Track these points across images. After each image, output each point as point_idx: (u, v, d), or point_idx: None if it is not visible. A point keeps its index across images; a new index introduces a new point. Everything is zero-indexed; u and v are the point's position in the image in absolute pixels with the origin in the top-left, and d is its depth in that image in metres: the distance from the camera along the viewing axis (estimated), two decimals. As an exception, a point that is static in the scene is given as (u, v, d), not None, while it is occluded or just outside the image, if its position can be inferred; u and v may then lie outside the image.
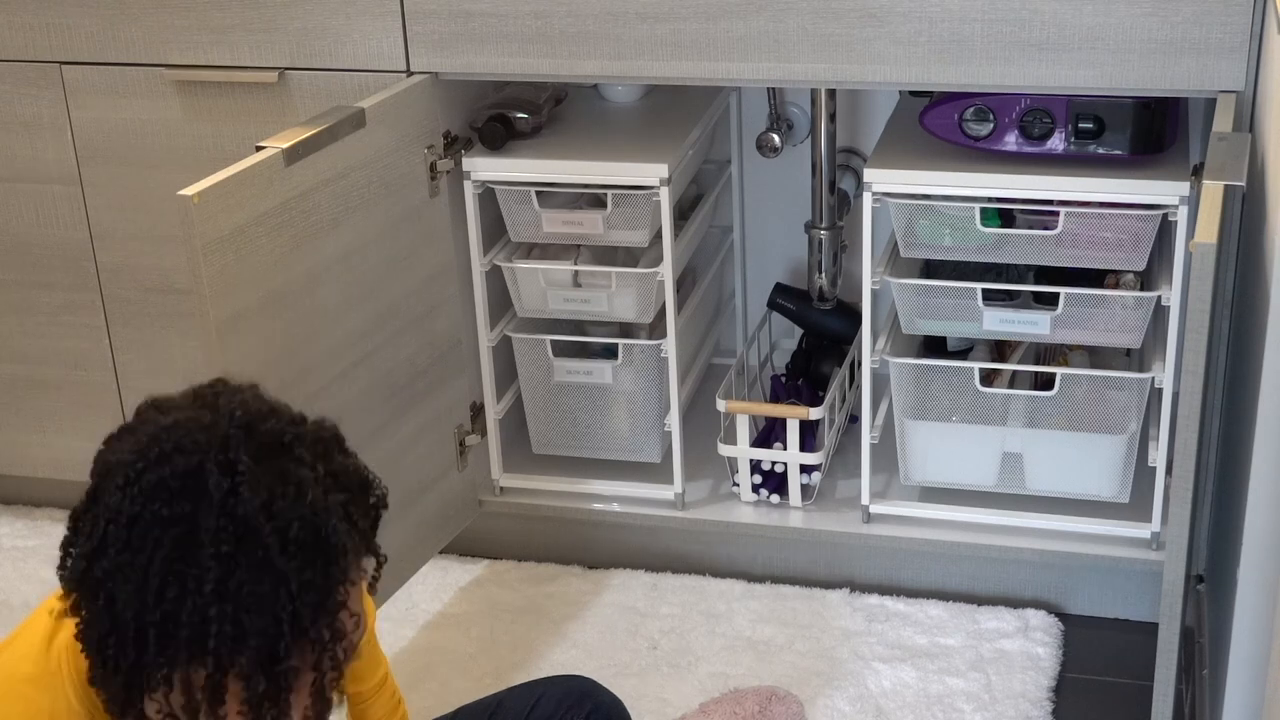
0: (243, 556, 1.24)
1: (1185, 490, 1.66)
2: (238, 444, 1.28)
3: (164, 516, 1.24)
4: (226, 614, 1.24)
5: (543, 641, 2.45)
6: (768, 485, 2.56)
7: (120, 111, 2.53)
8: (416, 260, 2.38)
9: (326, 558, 1.28)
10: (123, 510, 1.25)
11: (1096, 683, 2.35)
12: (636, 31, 2.29)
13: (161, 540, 1.24)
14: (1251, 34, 2.08)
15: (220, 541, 1.24)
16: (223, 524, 1.24)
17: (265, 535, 1.25)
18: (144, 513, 1.24)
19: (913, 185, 2.30)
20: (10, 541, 2.82)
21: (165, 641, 1.25)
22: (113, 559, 1.24)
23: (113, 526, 1.25)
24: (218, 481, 1.25)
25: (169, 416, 1.32)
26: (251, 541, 1.25)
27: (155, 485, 1.25)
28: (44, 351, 2.73)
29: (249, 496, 1.25)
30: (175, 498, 1.25)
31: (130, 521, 1.25)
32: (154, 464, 1.26)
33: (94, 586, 1.26)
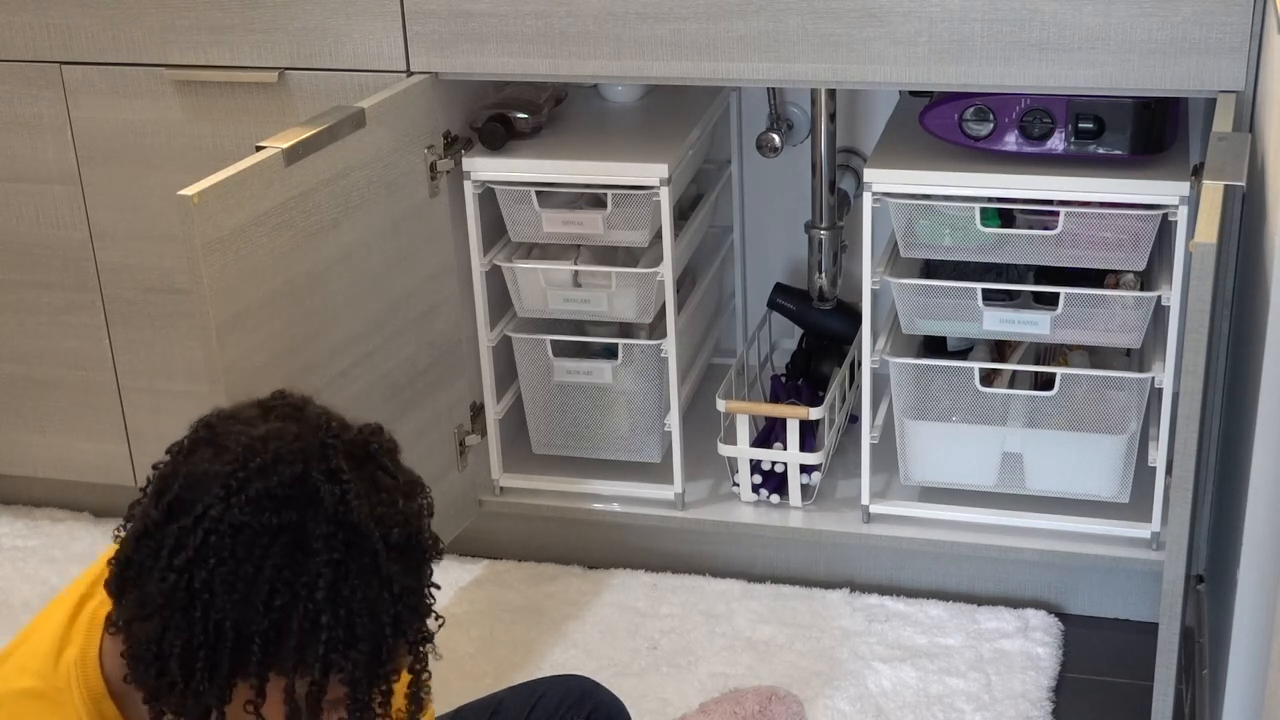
0: (353, 563, 1.26)
1: (1185, 490, 1.66)
2: (336, 452, 1.29)
3: (273, 525, 1.25)
4: (340, 619, 1.25)
5: (543, 641, 2.45)
6: (768, 485, 2.56)
7: (120, 111, 2.53)
8: (416, 260, 2.38)
9: (420, 560, 1.32)
10: (225, 519, 1.24)
11: (1096, 683, 2.35)
12: (636, 31, 2.29)
13: (270, 549, 1.24)
14: (1251, 34, 2.08)
15: (332, 549, 1.25)
16: (333, 531, 1.26)
17: (374, 541, 1.27)
18: (251, 522, 1.24)
19: (913, 185, 2.30)
20: (10, 541, 2.82)
21: (271, 649, 1.25)
22: (214, 569, 1.24)
23: (214, 537, 1.24)
24: (329, 490, 1.26)
25: (258, 428, 1.30)
26: (361, 547, 1.26)
27: (261, 494, 1.25)
28: (44, 351, 2.73)
29: (357, 504, 1.27)
30: (283, 506, 1.25)
31: (235, 530, 1.24)
32: (257, 474, 1.26)
33: (188, 598, 1.24)
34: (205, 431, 1.32)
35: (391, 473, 1.33)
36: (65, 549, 2.79)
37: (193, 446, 1.31)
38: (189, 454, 1.31)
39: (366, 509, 1.28)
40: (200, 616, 1.24)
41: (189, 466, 1.29)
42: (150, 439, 2.73)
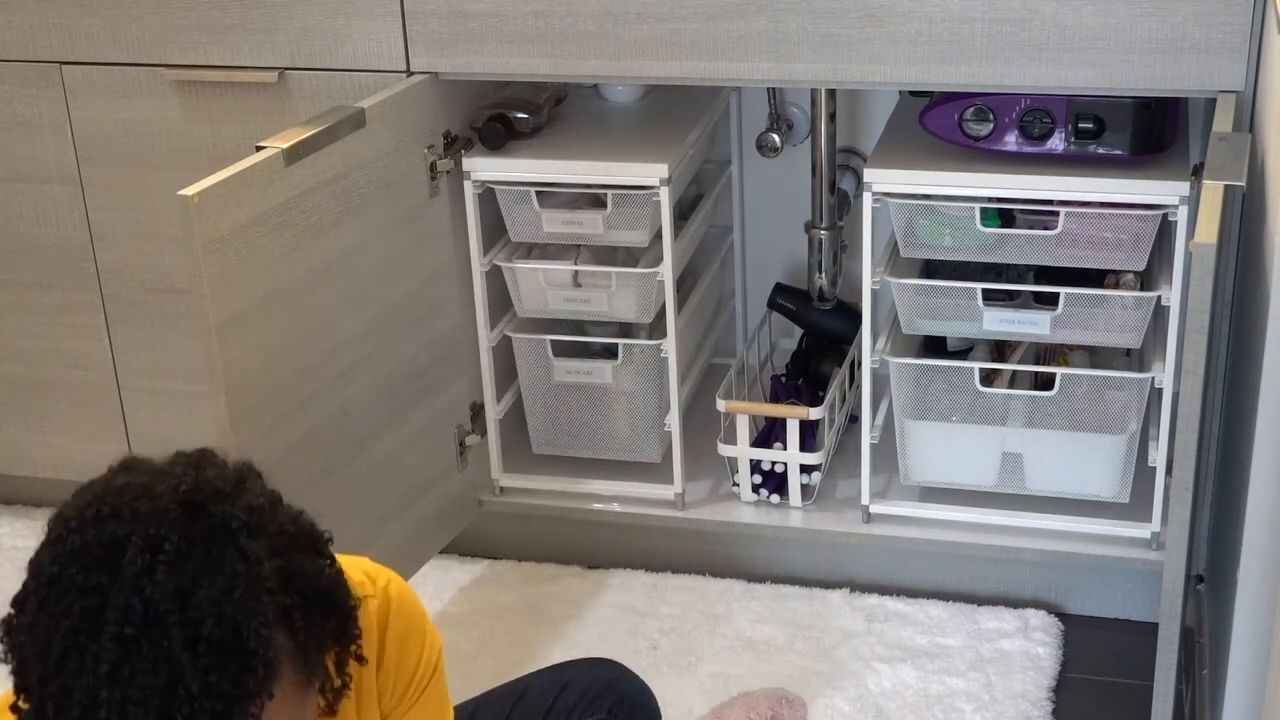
0: (145, 643, 1.14)
1: (1185, 490, 1.66)
2: (172, 521, 1.19)
3: (78, 584, 1.16)
4: (115, 700, 1.14)
5: (543, 641, 2.45)
6: (768, 485, 2.56)
7: (120, 111, 2.53)
8: (416, 260, 2.38)
9: (241, 664, 1.16)
10: (44, 568, 1.18)
11: (1096, 683, 2.35)
12: (636, 31, 2.29)
13: (71, 608, 1.16)
14: (1251, 34, 2.08)
15: (126, 622, 1.14)
16: (131, 604, 1.15)
17: (171, 625, 1.15)
18: (62, 575, 1.17)
19: (913, 185, 2.30)
20: (10, 541, 2.82)
21: (60, 713, 1.17)
22: (30, 615, 1.18)
23: (33, 582, 1.18)
24: (133, 557, 1.16)
25: (125, 477, 1.23)
26: (156, 629, 1.15)
27: (79, 549, 1.17)
28: (44, 351, 2.73)
29: (163, 580, 1.15)
30: (94, 566, 1.16)
31: (49, 581, 1.17)
32: (86, 525, 1.18)
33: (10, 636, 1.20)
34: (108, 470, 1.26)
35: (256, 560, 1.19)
36: (65, 549, 2.78)
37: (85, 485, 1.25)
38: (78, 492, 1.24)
39: (173, 588, 1.15)
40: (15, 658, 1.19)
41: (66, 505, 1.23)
42: (150, 439, 2.73)
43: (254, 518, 1.22)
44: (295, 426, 2.11)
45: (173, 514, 1.19)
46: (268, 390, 2.06)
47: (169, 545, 1.17)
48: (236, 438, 1.99)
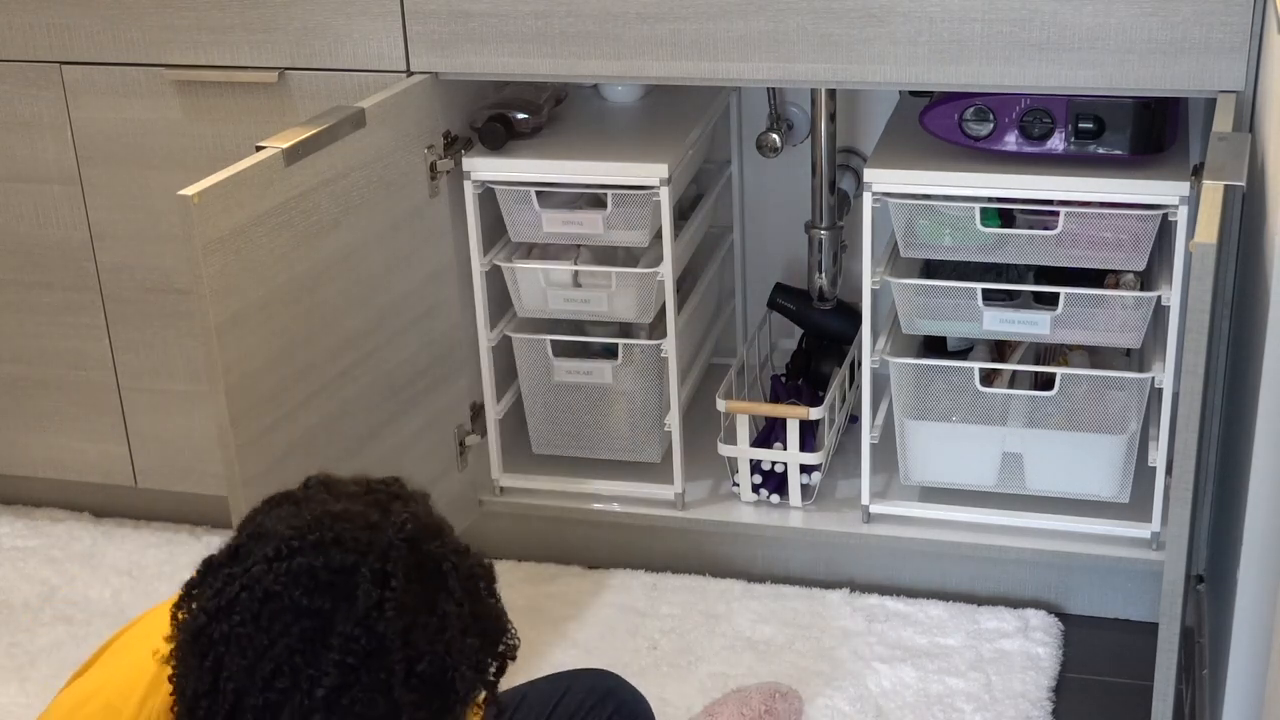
0: (365, 674, 1.19)
1: (1185, 490, 1.66)
2: (398, 558, 1.22)
3: (302, 605, 1.19)
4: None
5: (543, 641, 2.45)
6: (768, 485, 2.56)
7: (120, 111, 2.53)
8: (416, 260, 2.38)
9: (445, 701, 1.23)
10: (261, 583, 1.20)
11: (1096, 683, 2.35)
12: (636, 31, 2.29)
13: (291, 628, 1.19)
14: (1251, 34, 2.08)
15: (349, 651, 1.19)
16: (357, 634, 1.19)
17: (395, 661, 1.20)
18: (283, 594, 1.20)
19: (913, 185, 2.30)
20: (10, 541, 2.82)
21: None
22: (234, 626, 1.20)
23: (246, 594, 1.20)
24: (368, 590, 1.20)
25: (339, 503, 1.25)
26: (379, 662, 1.19)
27: (303, 570, 1.20)
28: (44, 351, 2.73)
29: (393, 616, 1.20)
30: (319, 590, 1.20)
31: (265, 597, 1.20)
32: (309, 548, 1.21)
33: (206, 645, 1.22)
34: (303, 490, 1.28)
35: (459, 602, 1.25)
36: (65, 549, 2.79)
37: (283, 499, 1.27)
38: (276, 505, 1.27)
39: (400, 626, 1.20)
40: (209, 667, 1.21)
41: (268, 517, 1.25)
42: (150, 439, 2.73)
43: (460, 560, 1.26)
44: (295, 426, 2.11)
45: (398, 551, 1.22)
46: (268, 390, 2.06)
47: (395, 583, 1.20)
48: (236, 438, 1.99)
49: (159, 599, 2.63)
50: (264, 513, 1.26)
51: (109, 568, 2.72)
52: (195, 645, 1.22)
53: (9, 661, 2.49)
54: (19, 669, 2.47)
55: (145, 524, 2.86)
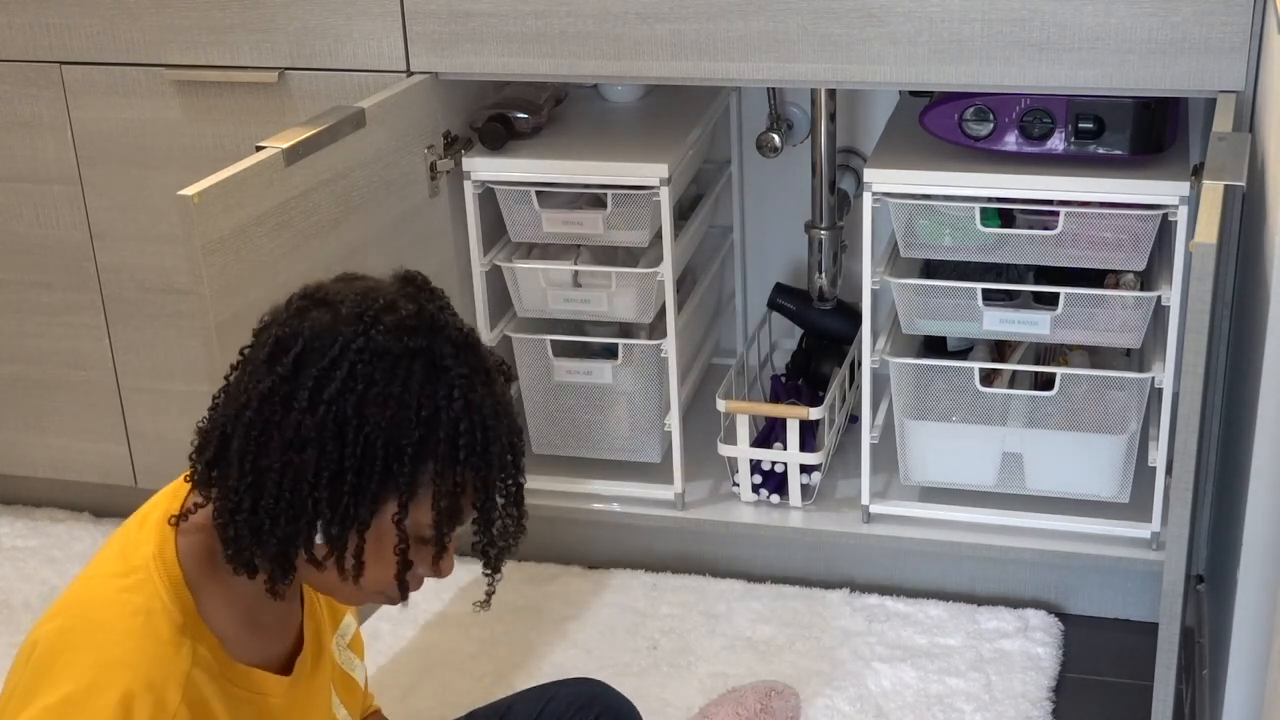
0: (476, 376, 1.38)
1: (1185, 490, 1.66)
2: (438, 297, 1.42)
3: (410, 348, 1.36)
4: (475, 423, 1.36)
5: (543, 641, 2.45)
6: (768, 485, 2.56)
7: (120, 111, 2.53)
8: (416, 260, 2.36)
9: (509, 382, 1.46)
10: (368, 349, 1.35)
11: (1096, 683, 2.35)
12: (636, 31, 2.29)
13: (412, 368, 1.35)
14: (1251, 34, 2.08)
15: (461, 364, 1.37)
16: (457, 351, 1.38)
17: (487, 358, 1.41)
18: (393, 346, 1.35)
19: (913, 185, 2.30)
20: (10, 541, 2.82)
21: (419, 459, 1.35)
22: (363, 393, 1.34)
23: (360, 365, 1.34)
24: (448, 318, 1.40)
25: (356, 285, 1.42)
26: (480, 364, 1.40)
27: (395, 325, 1.36)
28: (44, 351, 2.73)
29: (468, 330, 1.41)
30: (414, 333, 1.36)
31: (379, 356, 1.35)
32: (385, 310, 1.37)
33: (339, 425, 1.33)
34: (304, 300, 1.41)
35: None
36: (65, 549, 2.79)
37: (300, 312, 1.39)
38: (299, 318, 1.38)
39: (476, 336, 1.42)
40: (352, 439, 1.33)
41: (308, 324, 1.37)
42: (150, 439, 2.73)
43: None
44: (295, 426, 2.11)
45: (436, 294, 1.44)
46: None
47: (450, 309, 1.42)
48: (236, 438, 1.99)
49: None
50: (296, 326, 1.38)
51: (109, 568, 2.72)
52: (326, 433, 1.34)
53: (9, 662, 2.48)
54: (19, 669, 2.46)
55: (145, 524, 2.86)
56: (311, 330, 1.37)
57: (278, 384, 1.36)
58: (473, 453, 1.37)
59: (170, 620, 1.37)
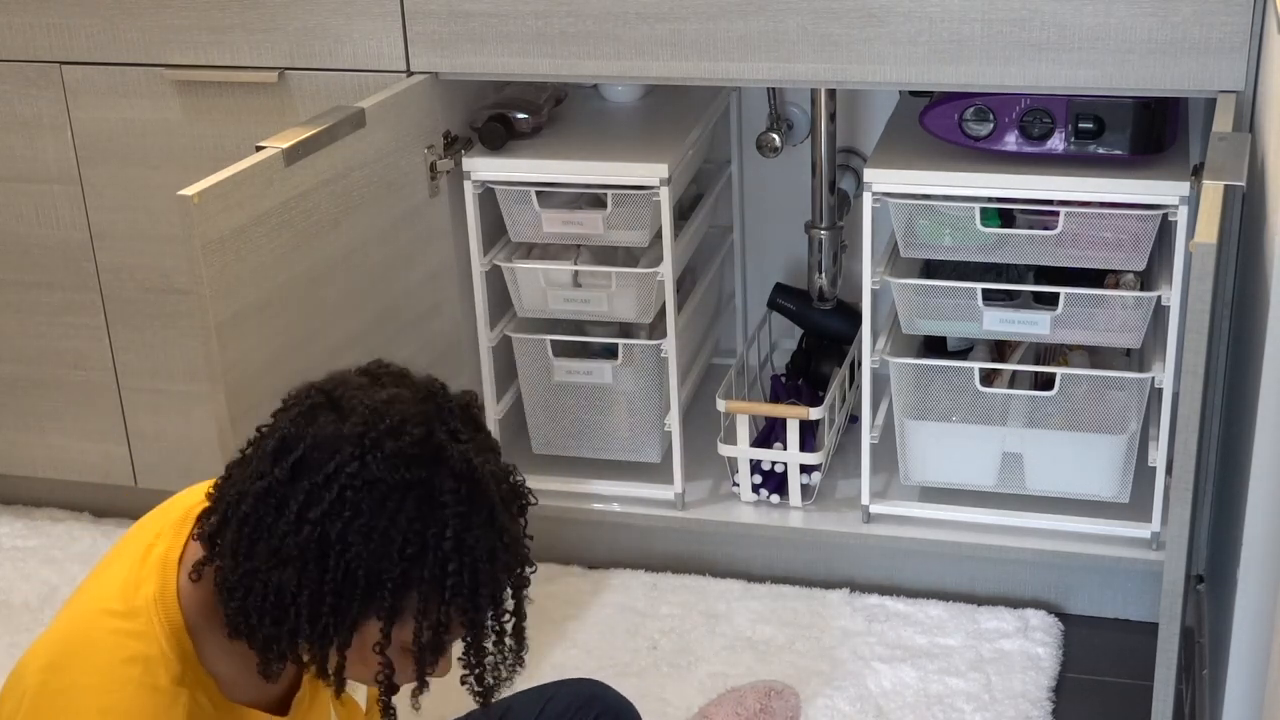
0: (474, 515, 1.34)
1: (1185, 490, 1.66)
2: (454, 415, 1.39)
3: (405, 480, 1.32)
4: (464, 565, 1.33)
5: (543, 641, 2.45)
6: (768, 485, 2.56)
7: (120, 111, 2.53)
8: (416, 260, 2.38)
9: (522, 511, 1.42)
10: (360, 476, 1.32)
11: (1096, 683, 2.35)
12: (636, 31, 2.29)
13: (404, 503, 1.32)
14: (1251, 34, 2.08)
15: (459, 502, 1.33)
16: (457, 486, 1.34)
17: (492, 494, 1.36)
18: (386, 478, 1.32)
19: (913, 185, 2.30)
20: (10, 541, 2.82)
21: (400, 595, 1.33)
22: (349, 521, 1.31)
23: (350, 492, 1.31)
24: (455, 449, 1.35)
25: (377, 393, 1.37)
26: (481, 501, 1.35)
27: (394, 453, 1.32)
28: (44, 351, 2.73)
29: (479, 460, 1.36)
30: (413, 464, 1.33)
31: (370, 486, 1.31)
32: (388, 434, 1.33)
33: (322, 549, 1.31)
34: (321, 397, 1.38)
35: (488, 432, 1.44)
36: (65, 549, 2.79)
37: (312, 411, 1.37)
38: (308, 418, 1.36)
39: (488, 465, 1.37)
40: (333, 565, 1.31)
41: (314, 429, 1.35)
42: (150, 439, 2.73)
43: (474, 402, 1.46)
44: (295, 426, 2.11)
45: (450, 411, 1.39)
46: (268, 390, 2.04)
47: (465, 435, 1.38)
48: (236, 438, 1.99)
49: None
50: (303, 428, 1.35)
51: (109, 568, 2.72)
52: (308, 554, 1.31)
53: (9, 661, 2.47)
54: (19, 669, 2.47)
55: (145, 524, 2.86)
56: (314, 439, 1.35)
57: (274, 486, 1.34)
58: (459, 593, 1.34)
59: (168, 669, 1.36)
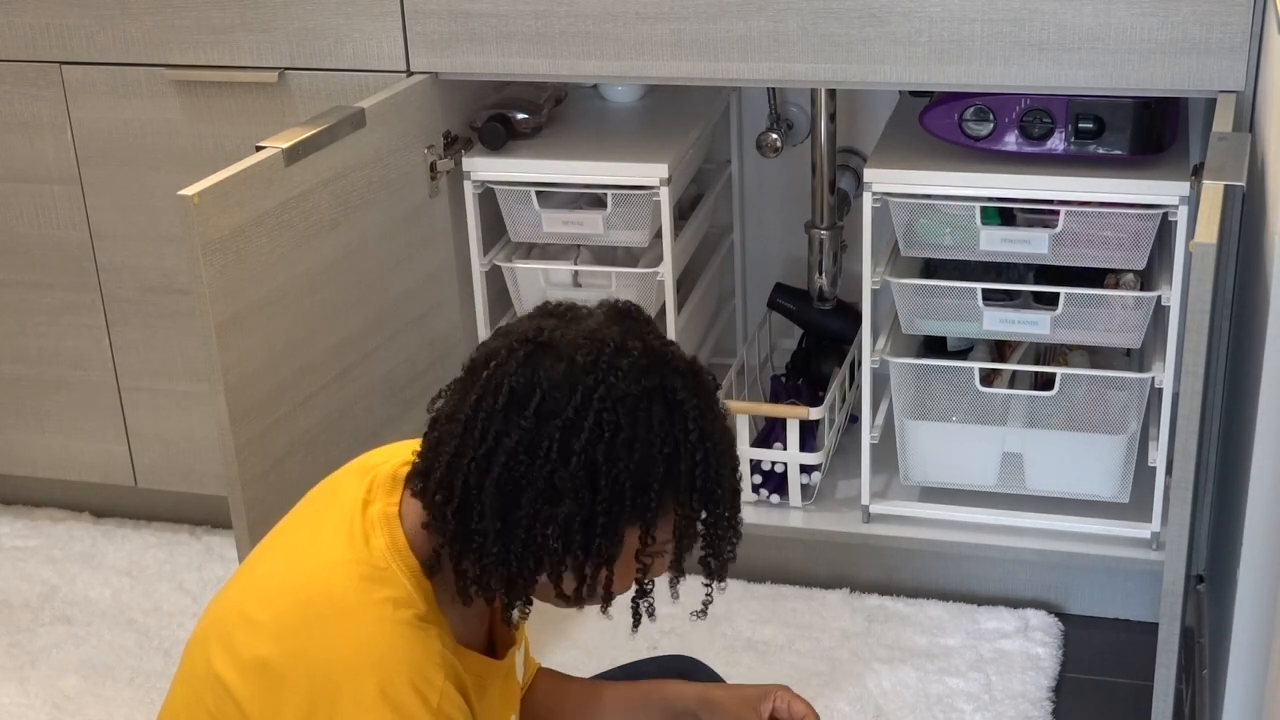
0: (705, 404, 1.42)
1: (1185, 490, 1.66)
2: (647, 324, 1.45)
3: (647, 389, 1.39)
4: (710, 451, 1.41)
5: (543, 641, 2.45)
6: (768, 485, 2.56)
7: (120, 111, 2.53)
8: (416, 260, 2.38)
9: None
10: (610, 396, 1.37)
11: (1096, 683, 2.35)
12: (636, 31, 2.29)
13: (652, 407, 1.38)
14: (1251, 34, 2.08)
15: (692, 395, 1.41)
16: (687, 382, 1.41)
17: (710, 383, 1.44)
18: (632, 389, 1.38)
19: (913, 185, 2.30)
20: (10, 541, 2.82)
21: (665, 493, 1.39)
22: (611, 439, 1.37)
23: (606, 414, 1.37)
24: (673, 351, 1.42)
25: (579, 327, 1.42)
26: (706, 391, 1.43)
27: (630, 368, 1.38)
28: (44, 351, 2.73)
29: (691, 358, 1.44)
30: (646, 373, 1.39)
31: (620, 401, 1.37)
32: (617, 354, 1.39)
33: (591, 474, 1.37)
34: (529, 345, 1.40)
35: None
36: (65, 549, 2.79)
37: (530, 359, 1.40)
38: (531, 364, 1.39)
39: (691, 359, 1.44)
40: (604, 484, 1.37)
41: (544, 373, 1.39)
42: (150, 439, 2.73)
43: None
44: (295, 426, 2.11)
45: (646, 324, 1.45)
46: (268, 390, 2.06)
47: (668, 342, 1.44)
48: (236, 438, 1.99)
49: (159, 599, 2.64)
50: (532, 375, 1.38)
51: (109, 568, 2.72)
52: (580, 483, 1.37)
53: (9, 661, 2.49)
54: (19, 669, 2.47)
55: (145, 524, 2.86)
56: (549, 381, 1.38)
57: (524, 436, 1.38)
58: (708, 477, 1.41)
59: (415, 608, 1.40)
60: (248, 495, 2.00)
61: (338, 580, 1.40)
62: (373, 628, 1.37)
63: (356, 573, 1.40)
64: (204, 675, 1.41)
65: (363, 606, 1.38)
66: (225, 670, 1.39)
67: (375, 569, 1.40)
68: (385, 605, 1.38)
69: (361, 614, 1.38)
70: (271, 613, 1.39)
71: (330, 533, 1.44)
